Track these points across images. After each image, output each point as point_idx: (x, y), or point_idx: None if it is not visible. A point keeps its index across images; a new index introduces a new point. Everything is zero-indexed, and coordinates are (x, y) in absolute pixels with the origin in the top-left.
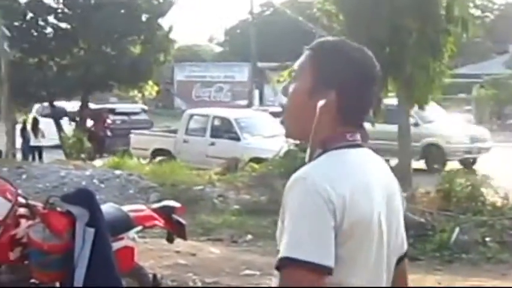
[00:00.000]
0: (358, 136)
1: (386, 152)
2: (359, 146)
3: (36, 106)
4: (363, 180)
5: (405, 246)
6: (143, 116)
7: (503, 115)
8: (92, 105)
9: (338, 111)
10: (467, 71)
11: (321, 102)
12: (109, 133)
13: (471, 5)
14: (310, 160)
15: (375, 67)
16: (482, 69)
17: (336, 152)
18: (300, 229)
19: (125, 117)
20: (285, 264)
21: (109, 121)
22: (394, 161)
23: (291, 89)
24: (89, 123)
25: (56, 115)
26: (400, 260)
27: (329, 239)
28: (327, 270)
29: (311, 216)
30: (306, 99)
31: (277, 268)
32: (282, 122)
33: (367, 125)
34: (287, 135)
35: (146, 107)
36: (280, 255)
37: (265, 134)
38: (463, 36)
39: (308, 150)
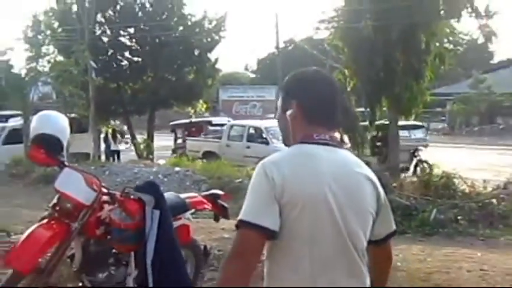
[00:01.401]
0: (327, 136)
1: None
2: (325, 144)
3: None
4: (308, 166)
5: (391, 229)
6: None
7: (470, 124)
8: (192, 119)
9: (302, 116)
10: (443, 91)
11: (288, 112)
12: None
13: (445, 40)
14: None
15: (327, 83)
16: (453, 89)
17: (297, 145)
18: (250, 199)
19: (219, 128)
20: (238, 225)
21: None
22: None
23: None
24: (179, 133)
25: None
26: (387, 238)
27: (270, 206)
28: (266, 231)
29: (257, 189)
30: (282, 113)
31: (236, 227)
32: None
33: None
34: (283, 142)
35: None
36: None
37: None
38: (440, 67)
39: None
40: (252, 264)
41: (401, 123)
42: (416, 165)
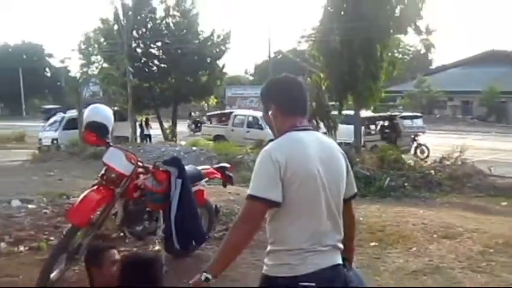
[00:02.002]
0: (306, 123)
1: None
2: (306, 129)
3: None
4: (301, 149)
5: (354, 191)
6: None
7: None
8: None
9: (281, 114)
10: (394, 89)
11: (270, 112)
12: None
13: (395, 51)
14: None
15: (296, 85)
16: (402, 87)
17: (287, 133)
18: (257, 178)
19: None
20: (247, 198)
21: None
22: None
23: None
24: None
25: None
26: (350, 199)
27: (275, 183)
28: (271, 203)
29: (264, 170)
30: (265, 113)
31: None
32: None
33: None
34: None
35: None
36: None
37: None
38: (393, 72)
39: None
40: (257, 228)
41: (404, 114)
42: (416, 148)
